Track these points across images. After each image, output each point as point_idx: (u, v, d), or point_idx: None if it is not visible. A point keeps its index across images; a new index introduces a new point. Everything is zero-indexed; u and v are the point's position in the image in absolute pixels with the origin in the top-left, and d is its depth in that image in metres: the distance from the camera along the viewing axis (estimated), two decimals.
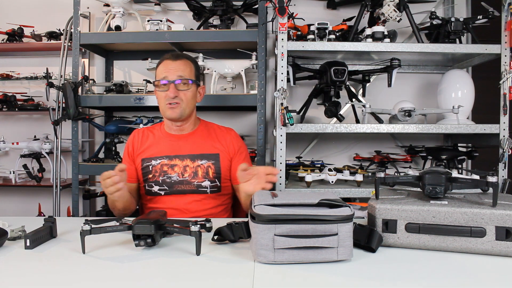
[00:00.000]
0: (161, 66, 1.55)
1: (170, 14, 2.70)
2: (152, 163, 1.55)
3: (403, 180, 1.12)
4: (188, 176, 1.52)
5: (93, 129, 2.79)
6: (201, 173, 1.53)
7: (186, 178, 1.53)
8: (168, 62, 1.53)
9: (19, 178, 2.55)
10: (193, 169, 1.53)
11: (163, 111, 1.54)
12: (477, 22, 2.16)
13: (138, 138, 1.63)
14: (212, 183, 1.54)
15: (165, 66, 1.53)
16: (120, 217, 1.49)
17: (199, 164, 1.54)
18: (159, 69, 1.55)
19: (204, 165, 1.54)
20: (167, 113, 1.53)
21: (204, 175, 1.53)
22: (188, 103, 1.53)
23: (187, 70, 1.54)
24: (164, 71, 1.52)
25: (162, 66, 1.54)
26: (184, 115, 1.54)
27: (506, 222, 0.91)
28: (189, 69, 1.55)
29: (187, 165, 1.53)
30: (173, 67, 1.51)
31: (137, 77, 2.73)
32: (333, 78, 2.04)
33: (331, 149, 2.71)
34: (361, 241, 0.98)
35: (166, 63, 1.53)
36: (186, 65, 1.55)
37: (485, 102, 2.30)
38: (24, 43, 2.62)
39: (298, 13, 2.19)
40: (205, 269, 0.87)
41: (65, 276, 0.83)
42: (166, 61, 1.54)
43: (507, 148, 2.02)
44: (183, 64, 1.54)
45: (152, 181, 1.54)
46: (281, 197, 0.94)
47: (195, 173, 1.53)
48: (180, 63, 1.53)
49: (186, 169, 1.53)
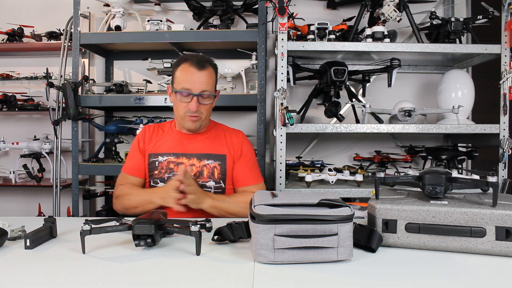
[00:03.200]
0: (184, 72, 1.47)
1: (170, 14, 2.70)
2: (159, 159, 1.55)
3: (403, 180, 1.12)
4: (193, 175, 1.52)
5: (93, 129, 2.79)
6: (206, 173, 1.53)
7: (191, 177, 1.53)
8: (192, 71, 1.45)
9: (19, 178, 2.55)
10: (199, 168, 1.53)
11: (182, 119, 1.51)
12: (477, 22, 2.16)
13: (149, 134, 1.62)
14: (217, 184, 1.53)
15: (189, 75, 1.45)
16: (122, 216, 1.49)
17: (205, 164, 1.53)
18: (182, 76, 1.47)
19: (210, 165, 1.54)
20: (186, 124, 1.51)
21: (210, 175, 1.53)
22: (208, 115, 1.54)
23: (210, 83, 1.48)
24: (188, 82, 1.45)
25: (186, 74, 1.46)
26: (202, 127, 1.56)
27: (506, 222, 0.91)
28: (212, 80, 1.50)
29: (193, 164, 1.53)
30: (197, 79, 1.45)
31: (137, 77, 2.73)
32: (333, 78, 2.04)
33: (331, 149, 2.71)
34: (361, 241, 0.98)
35: (190, 72, 1.45)
36: (210, 76, 1.48)
37: (485, 102, 2.30)
38: (24, 43, 2.62)
39: (298, 13, 2.19)
40: (205, 269, 0.87)
41: (65, 276, 0.83)
42: (191, 69, 1.45)
43: (507, 148, 2.03)
44: (207, 76, 1.47)
45: (157, 178, 1.54)
46: (281, 197, 0.94)
47: (201, 172, 1.53)
48: (205, 74, 1.46)
49: (192, 168, 1.53)
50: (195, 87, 1.45)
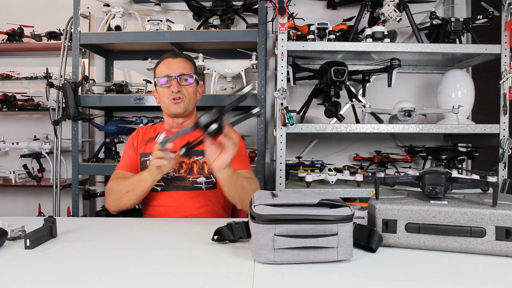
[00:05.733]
0: (161, 64, 1.58)
1: (170, 14, 2.70)
2: (150, 158, 1.55)
3: (403, 180, 1.11)
4: (184, 172, 1.53)
5: (93, 129, 2.79)
6: (196, 169, 1.54)
7: (181, 174, 1.53)
8: (168, 60, 1.57)
9: (19, 178, 2.55)
10: (189, 165, 1.54)
11: (167, 107, 1.57)
12: (477, 22, 2.16)
13: (142, 134, 1.67)
14: (208, 179, 1.53)
15: (166, 64, 1.57)
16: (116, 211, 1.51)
17: (195, 160, 1.54)
18: (160, 67, 1.58)
19: (200, 161, 1.54)
20: (171, 109, 1.55)
21: (199, 171, 1.53)
22: (191, 99, 1.58)
23: (187, 67, 1.58)
24: (165, 69, 1.56)
25: (163, 64, 1.58)
26: (188, 110, 1.57)
27: (506, 222, 0.91)
28: (189, 66, 1.60)
29: (183, 161, 1.54)
30: (174, 64, 1.56)
31: (137, 77, 2.74)
32: (333, 78, 2.04)
33: (331, 149, 2.71)
34: (361, 241, 0.98)
35: (166, 61, 1.58)
36: (186, 62, 1.59)
37: (485, 102, 2.30)
38: (24, 43, 2.62)
39: (298, 13, 2.19)
40: (205, 269, 0.87)
41: (65, 276, 0.83)
42: (167, 59, 1.58)
43: (507, 148, 2.03)
44: (183, 62, 1.58)
45: None
46: (281, 197, 0.94)
47: (191, 169, 1.54)
48: (181, 60, 1.58)
49: (182, 165, 1.53)
50: (174, 71, 1.54)
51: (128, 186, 1.44)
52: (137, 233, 1.17)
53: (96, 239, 1.06)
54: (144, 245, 1.05)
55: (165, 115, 1.65)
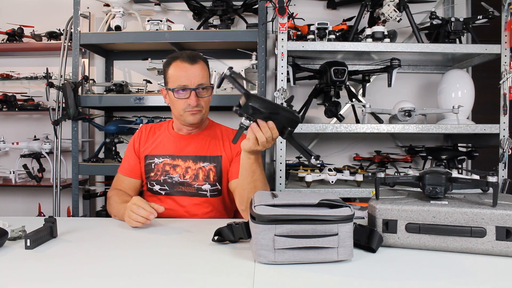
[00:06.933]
0: (177, 70, 1.45)
1: (170, 14, 2.70)
2: (155, 161, 1.55)
3: (403, 180, 1.12)
4: (189, 178, 1.51)
5: (93, 129, 2.79)
6: (202, 176, 1.52)
7: (187, 180, 1.52)
8: (186, 67, 1.44)
9: (19, 178, 2.55)
10: (195, 171, 1.52)
11: (181, 116, 1.49)
12: (477, 22, 2.16)
13: (145, 134, 1.62)
14: (213, 186, 1.52)
15: (183, 71, 1.44)
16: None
17: (201, 167, 1.52)
18: (176, 73, 1.45)
19: (206, 168, 1.53)
20: (188, 119, 1.48)
21: (205, 178, 1.52)
22: (207, 108, 1.52)
23: (205, 76, 1.47)
24: (183, 78, 1.43)
25: (180, 70, 1.44)
26: (203, 119, 1.53)
27: (506, 222, 0.91)
28: (206, 74, 1.49)
29: (189, 167, 1.52)
30: (192, 74, 1.43)
31: (137, 77, 2.73)
32: (333, 78, 2.04)
33: (331, 149, 2.71)
34: (361, 241, 0.98)
35: (184, 68, 1.44)
36: (203, 69, 1.48)
37: (485, 102, 2.30)
38: (24, 43, 2.62)
39: (298, 13, 2.19)
40: (205, 269, 0.87)
41: (65, 276, 0.83)
42: (184, 65, 1.44)
43: (507, 148, 2.03)
44: (201, 70, 1.46)
45: (153, 180, 1.54)
46: (281, 197, 0.94)
47: (196, 175, 1.52)
48: (198, 67, 1.45)
49: (188, 171, 1.52)
50: (192, 81, 1.43)
51: (115, 211, 1.41)
52: (137, 233, 1.17)
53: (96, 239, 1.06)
54: (144, 245, 1.05)
55: (175, 118, 1.57)
